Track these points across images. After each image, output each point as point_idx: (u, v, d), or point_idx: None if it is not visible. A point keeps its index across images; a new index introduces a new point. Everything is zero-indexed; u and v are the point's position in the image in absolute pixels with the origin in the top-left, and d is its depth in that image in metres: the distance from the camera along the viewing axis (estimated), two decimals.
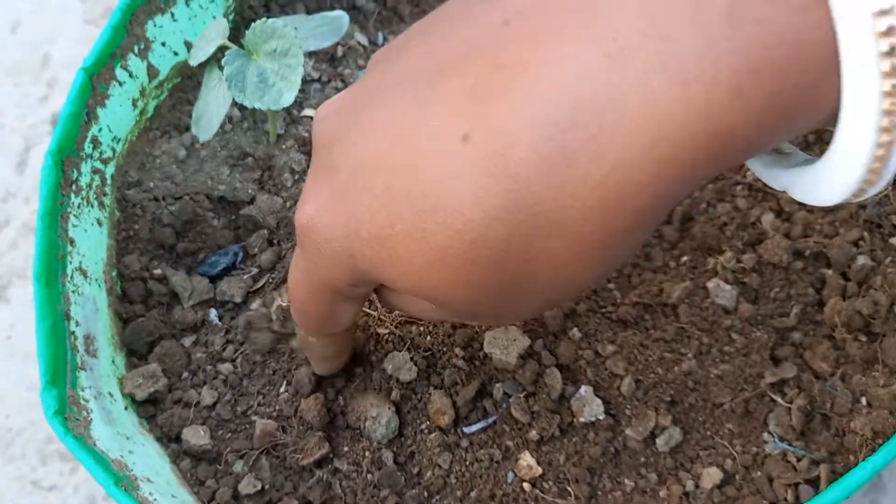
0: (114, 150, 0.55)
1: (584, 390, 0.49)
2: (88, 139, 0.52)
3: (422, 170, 0.29)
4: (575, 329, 0.50)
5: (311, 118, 0.57)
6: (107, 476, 0.41)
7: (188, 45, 0.58)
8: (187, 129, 0.58)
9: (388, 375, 0.49)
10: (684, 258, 0.52)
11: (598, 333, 0.50)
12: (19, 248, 0.66)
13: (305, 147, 0.57)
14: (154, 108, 0.58)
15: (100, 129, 0.53)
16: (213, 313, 0.53)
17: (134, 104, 0.56)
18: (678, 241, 0.53)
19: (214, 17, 0.58)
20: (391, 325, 0.50)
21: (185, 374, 0.52)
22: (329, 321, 0.41)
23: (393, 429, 0.48)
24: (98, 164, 0.53)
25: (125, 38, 0.53)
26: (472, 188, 0.27)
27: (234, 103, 0.57)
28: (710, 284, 0.51)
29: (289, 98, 0.48)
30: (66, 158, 0.49)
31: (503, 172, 0.27)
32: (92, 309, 0.50)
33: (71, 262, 0.49)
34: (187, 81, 0.59)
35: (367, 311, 0.51)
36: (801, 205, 0.53)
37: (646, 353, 0.50)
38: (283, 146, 0.57)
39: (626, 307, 0.51)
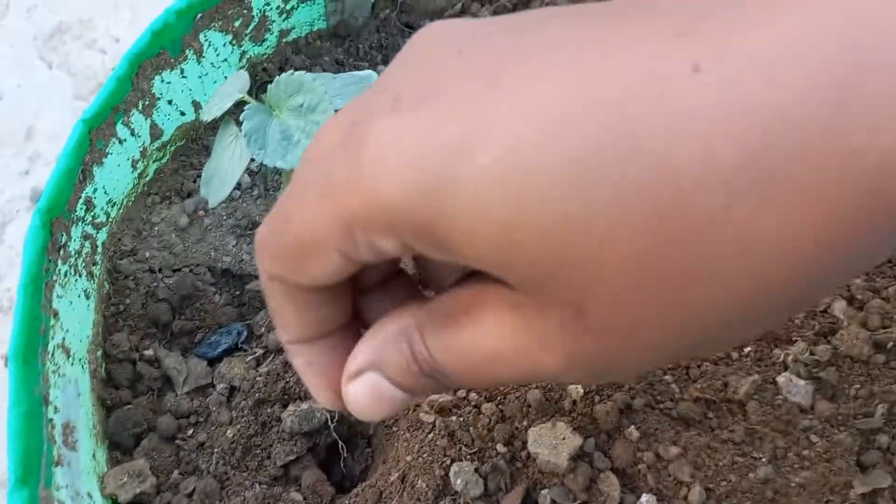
0: (108, 215, 0.49)
1: (647, 499, 0.42)
2: (82, 200, 0.46)
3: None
4: (632, 427, 0.44)
5: None
6: None
7: (196, 106, 0.53)
8: (190, 195, 0.52)
9: (454, 492, 0.42)
10: (748, 349, 0.47)
11: (659, 433, 0.44)
12: None
13: None
14: (154, 171, 0.52)
15: (94, 190, 0.47)
16: (213, 399, 0.46)
17: (133, 165, 0.50)
18: None
19: (226, 77, 0.53)
20: (431, 411, 0.44)
21: (176, 474, 0.45)
22: (306, 253, 0.28)
23: None
24: (89, 230, 0.47)
25: (130, 91, 0.48)
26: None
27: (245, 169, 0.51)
28: (780, 379, 0.45)
29: None
30: (55, 220, 0.43)
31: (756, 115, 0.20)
32: (73, 393, 0.43)
33: (53, 338, 0.42)
34: (192, 145, 0.54)
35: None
36: (875, 292, 0.48)
37: (714, 457, 0.43)
38: None
39: (687, 403, 0.45)
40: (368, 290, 0.33)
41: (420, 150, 0.23)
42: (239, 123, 0.44)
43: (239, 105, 0.46)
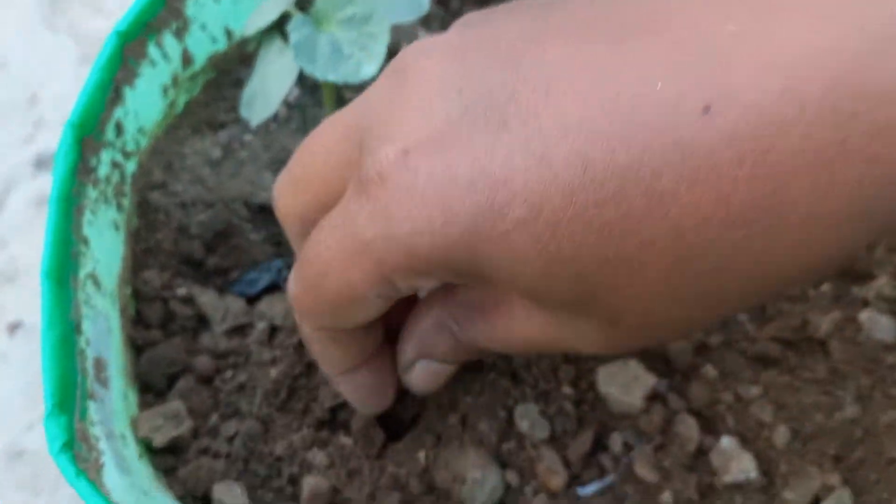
0: (137, 144, 0.45)
1: (728, 442, 0.39)
2: (112, 122, 0.42)
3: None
4: (708, 366, 0.41)
5: None
6: None
7: (229, 34, 0.50)
8: (223, 126, 0.49)
9: (520, 434, 0.39)
10: (824, 286, 0.44)
11: (737, 373, 0.41)
12: None
13: None
14: (185, 103, 0.49)
15: (126, 114, 0.43)
16: (253, 339, 0.43)
17: (164, 92, 0.47)
18: None
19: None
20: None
21: (215, 417, 0.41)
22: (347, 307, 0.29)
23: (498, 496, 0.38)
24: (119, 157, 0.43)
25: (162, 9, 0.44)
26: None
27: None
28: (862, 316, 0.42)
29: (369, 70, 0.40)
30: (87, 138, 0.39)
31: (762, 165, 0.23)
32: (104, 328, 0.40)
33: (84, 266, 0.38)
34: (224, 77, 0.51)
35: None
36: None
37: (797, 397, 0.40)
38: None
39: (765, 343, 0.42)
40: None
41: (450, 206, 0.24)
42: (285, 37, 0.41)
43: (283, 20, 0.42)
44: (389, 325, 0.36)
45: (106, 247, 0.41)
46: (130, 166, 0.45)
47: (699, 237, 0.23)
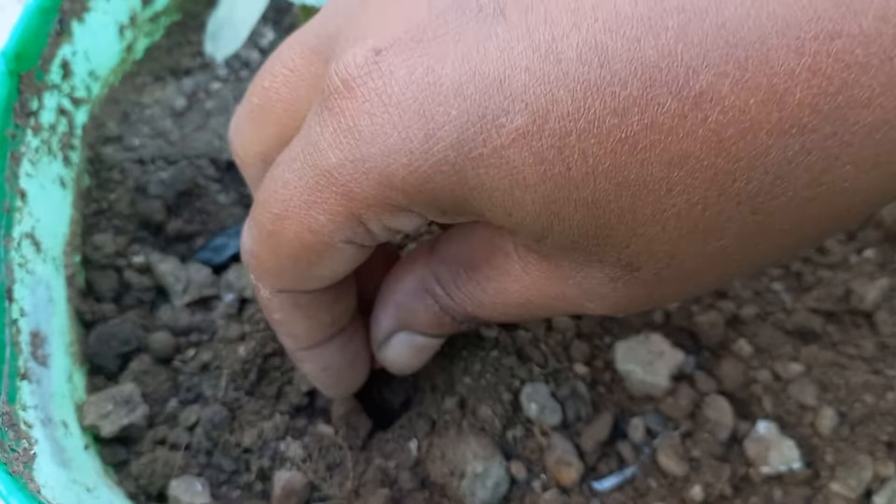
0: (89, 90, 0.40)
1: (765, 428, 0.34)
2: (58, 60, 0.36)
3: None
4: (742, 341, 0.36)
5: None
6: None
7: None
8: (187, 73, 0.43)
9: (527, 419, 0.34)
10: (867, 251, 0.39)
11: (773, 348, 0.36)
12: None
13: None
14: (144, 48, 0.43)
15: (74, 53, 0.38)
16: (219, 312, 0.37)
17: (121, 32, 0.41)
18: (857, 229, 0.40)
19: None
20: (493, 324, 0.35)
21: (174, 403, 0.36)
22: (310, 259, 0.23)
23: (502, 492, 0.33)
24: (66, 104, 0.38)
25: None
26: None
27: (254, 45, 0.43)
28: None
29: None
30: (25, 74, 0.34)
31: None
32: (44, 297, 0.34)
33: (19, 223, 0.33)
34: (190, 21, 0.45)
35: None
36: None
37: (844, 375, 0.35)
38: None
39: (804, 314, 0.37)
40: None
41: (432, 117, 0.19)
42: None
43: None
44: (364, 294, 0.30)
45: (49, 205, 0.36)
46: (80, 116, 0.39)
47: (745, 149, 0.18)
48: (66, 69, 0.37)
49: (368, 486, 0.33)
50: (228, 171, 0.41)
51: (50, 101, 0.36)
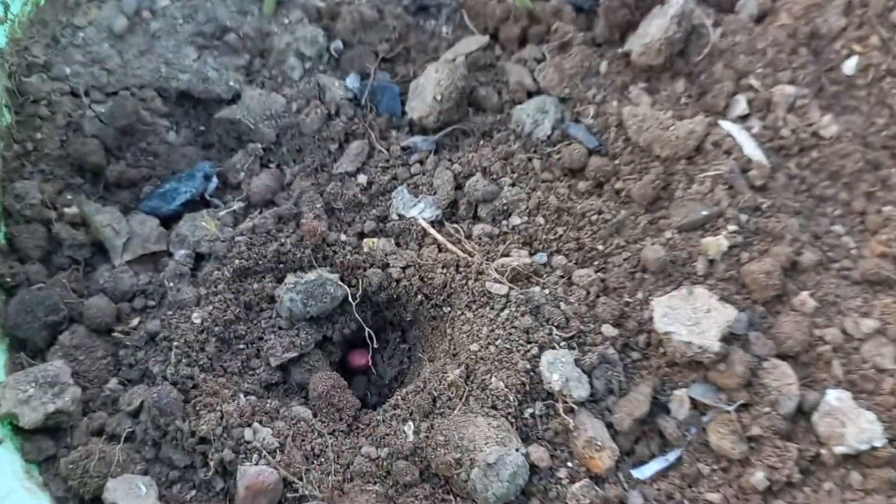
0: (6, 7, 0.33)
1: (837, 397, 0.28)
2: None
3: None
4: (803, 294, 0.30)
5: None
6: None
7: None
8: None
9: (548, 393, 0.28)
10: None
11: (841, 301, 0.30)
12: None
13: (321, 21, 0.36)
14: None
15: None
16: (169, 271, 0.31)
17: None
18: None
19: None
20: (503, 278, 0.29)
21: (113, 383, 0.30)
22: None
23: (520, 484, 0.26)
24: None
25: None
26: None
27: None
28: None
29: None
30: None
31: None
32: None
33: None
34: None
35: (455, 248, 0.30)
36: None
37: None
38: (286, 19, 0.35)
39: (872, 260, 0.31)
40: None
41: None
42: None
43: None
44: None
45: None
46: None
47: None
48: None
49: (355, 481, 0.26)
50: (180, 103, 0.34)
51: None
